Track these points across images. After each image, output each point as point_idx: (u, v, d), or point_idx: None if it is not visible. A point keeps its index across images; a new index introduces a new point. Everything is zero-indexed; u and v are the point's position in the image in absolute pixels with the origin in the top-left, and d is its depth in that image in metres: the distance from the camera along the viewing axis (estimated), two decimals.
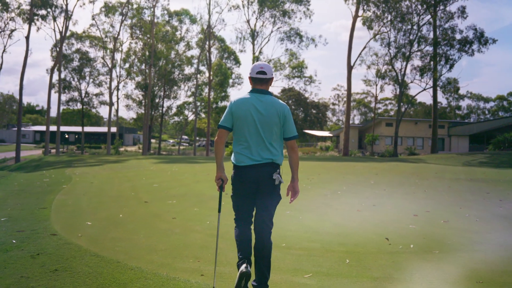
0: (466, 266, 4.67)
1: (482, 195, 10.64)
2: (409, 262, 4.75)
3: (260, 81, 3.78)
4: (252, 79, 3.81)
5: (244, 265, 3.54)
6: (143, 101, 51.87)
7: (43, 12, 38.35)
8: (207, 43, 45.70)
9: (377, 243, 5.56)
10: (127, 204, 8.29)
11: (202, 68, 51.73)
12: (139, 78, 52.49)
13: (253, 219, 3.81)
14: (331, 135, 65.44)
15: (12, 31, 36.72)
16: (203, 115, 58.09)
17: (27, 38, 35.39)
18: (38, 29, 39.10)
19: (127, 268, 4.28)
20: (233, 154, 3.84)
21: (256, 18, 46.56)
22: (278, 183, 3.72)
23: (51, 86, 39.89)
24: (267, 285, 3.68)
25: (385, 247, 5.37)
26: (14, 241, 5.15)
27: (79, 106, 51.96)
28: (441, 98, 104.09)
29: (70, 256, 4.63)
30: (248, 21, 46.74)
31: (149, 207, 8.07)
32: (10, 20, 36.48)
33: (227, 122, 3.75)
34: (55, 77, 45.25)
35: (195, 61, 51.27)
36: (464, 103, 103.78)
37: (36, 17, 37.57)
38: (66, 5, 39.70)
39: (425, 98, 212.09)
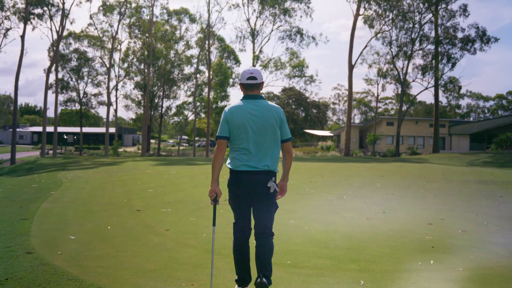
0: (497, 286, 4.09)
1: (495, 199, 10.11)
2: (432, 283, 4.16)
3: (251, 87, 3.74)
4: (243, 86, 3.77)
5: None
6: (142, 101, 51.30)
7: (39, 10, 37.67)
8: (207, 42, 45.13)
9: (392, 258, 4.97)
10: (117, 213, 7.69)
11: (201, 67, 51.21)
12: (138, 78, 52.00)
13: (252, 225, 3.76)
14: (331, 134, 65.00)
15: (7, 30, 36.00)
16: (203, 115, 57.50)
17: (22, 37, 34.76)
18: (34, 28, 38.38)
19: None
20: (228, 159, 3.77)
21: (256, 17, 46.01)
22: (274, 192, 3.66)
23: (47, 86, 39.23)
24: (269, 279, 3.53)
25: (403, 263, 4.78)
26: None
27: (77, 106, 51.38)
28: (441, 97, 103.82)
29: (43, 280, 4.02)
30: (248, 20, 46.19)
31: (141, 216, 7.46)
32: (5, 18, 35.80)
33: (224, 131, 3.69)
34: (53, 77, 44.58)
35: (195, 60, 50.73)
36: (463, 102, 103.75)
37: (32, 16, 36.92)
38: (63, 3, 39.09)
39: (425, 97, 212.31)
